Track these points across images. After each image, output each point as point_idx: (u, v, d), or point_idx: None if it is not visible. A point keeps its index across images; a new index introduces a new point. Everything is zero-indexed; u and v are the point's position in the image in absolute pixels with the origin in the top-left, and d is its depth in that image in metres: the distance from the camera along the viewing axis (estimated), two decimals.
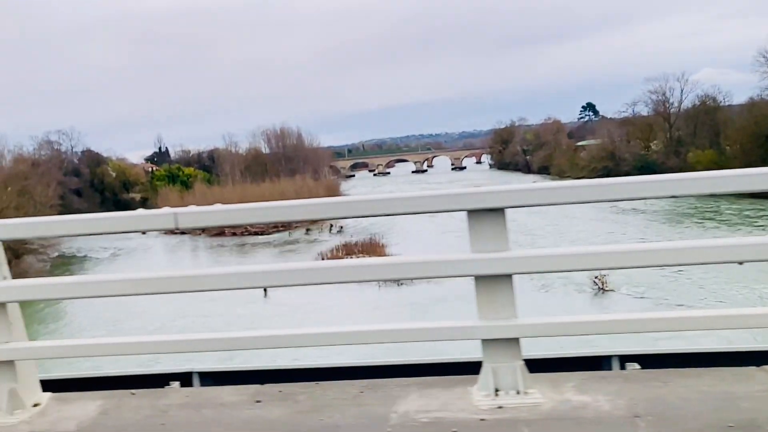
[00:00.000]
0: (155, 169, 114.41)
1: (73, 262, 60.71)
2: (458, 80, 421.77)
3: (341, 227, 62.82)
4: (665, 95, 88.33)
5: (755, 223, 50.95)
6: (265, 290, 31.63)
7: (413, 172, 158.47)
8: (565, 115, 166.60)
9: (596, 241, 44.01)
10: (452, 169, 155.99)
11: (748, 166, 4.58)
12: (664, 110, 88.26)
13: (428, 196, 3.83)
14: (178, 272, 4.20)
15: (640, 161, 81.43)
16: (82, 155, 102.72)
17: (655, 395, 3.69)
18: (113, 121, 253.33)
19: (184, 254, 63.12)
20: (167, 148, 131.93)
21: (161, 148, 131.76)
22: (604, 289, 30.85)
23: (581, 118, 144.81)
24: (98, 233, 3.97)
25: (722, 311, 4.89)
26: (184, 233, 71.20)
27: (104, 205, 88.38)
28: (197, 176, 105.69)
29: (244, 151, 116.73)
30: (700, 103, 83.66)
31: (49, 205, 62.09)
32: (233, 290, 4.25)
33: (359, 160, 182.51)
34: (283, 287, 4.22)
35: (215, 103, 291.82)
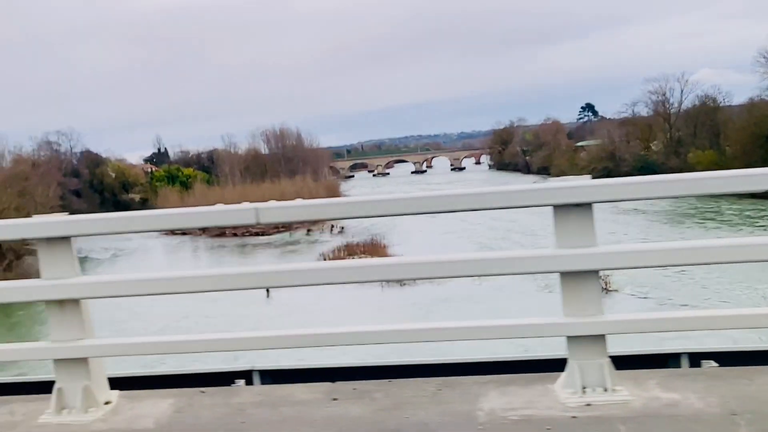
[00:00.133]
0: (154, 169, 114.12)
1: None
2: (456, 81, 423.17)
3: (342, 228, 62.63)
4: (665, 96, 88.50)
5: (756, 223, 51.06)
6: (267, 291, 31.34)
7: (413, 172, 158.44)
8: (564, 115, 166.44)
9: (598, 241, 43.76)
10: (452, 169, 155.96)
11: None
12: (664, 111, 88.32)
13: (513, 191, 3.79)
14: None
15: (640, 161, 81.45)
16: (81, 156, 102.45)
17: (744, 393, 3.64)
18: (112, 121, 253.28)
19: (185, 255, 62.98)
20: (166, 148, 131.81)
21: (160, 148, 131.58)
22: (607, 289, 30.75)
23: (580, 118, 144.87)
24: (183, 228, 3.93)
25: None
26: (184, 234, 71.07)
27: (104, 205, 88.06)
28: (197, 177, 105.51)
29: (243, 151, 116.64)
30: (700, 103, 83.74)
31: (50, 206, 61.85)
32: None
33: (359, 160, 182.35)
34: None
35: (214, 103, 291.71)
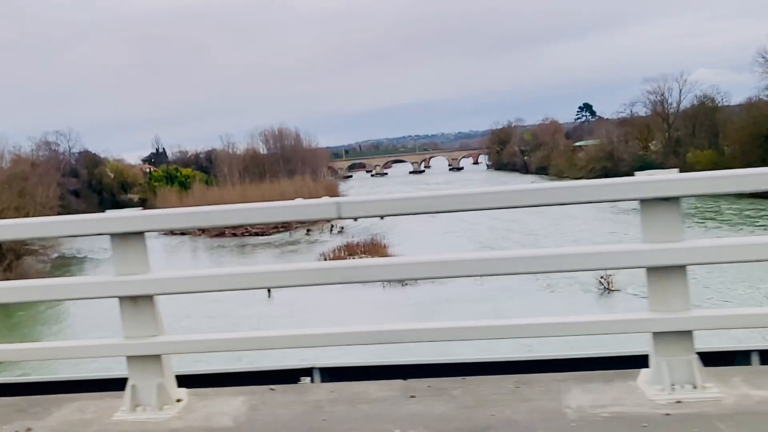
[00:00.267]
0: (153, 170, 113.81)
1: (73, 263, 60.35)
2: (454, 81, 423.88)
3: (342, 228, 62.59)
4: (663, 95, 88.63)
5: (756, 222, 51.14)
6: (269, 291, 31.18)
7: (411, 172, 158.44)
8: (562, 115, 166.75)
9: (599, 241, 43.77)
10: (450, 169, 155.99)
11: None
12: (662, 110, 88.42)
13: (601, 184, 3.74)
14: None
15: (638, 161, 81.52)
16: (79, 156, 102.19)
17: None
18: (110, 121, 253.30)
19: (185, 255, 62.82)
20: (164, 148, 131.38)
21: (159, 148, 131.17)
22: (610, 288, 30.77)
23: (578, 118, 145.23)
24: (265, 222, 3.88)
25: None
26: (183, 234, 70.86)
27: (102, 205, 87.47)
28: (195, 177, 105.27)
29: (241, 151, 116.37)
30: (698, 103, 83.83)
31: (49, 206, 61.62)
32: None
33: (357, 160, 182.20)
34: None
35: (212, 103, 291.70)
